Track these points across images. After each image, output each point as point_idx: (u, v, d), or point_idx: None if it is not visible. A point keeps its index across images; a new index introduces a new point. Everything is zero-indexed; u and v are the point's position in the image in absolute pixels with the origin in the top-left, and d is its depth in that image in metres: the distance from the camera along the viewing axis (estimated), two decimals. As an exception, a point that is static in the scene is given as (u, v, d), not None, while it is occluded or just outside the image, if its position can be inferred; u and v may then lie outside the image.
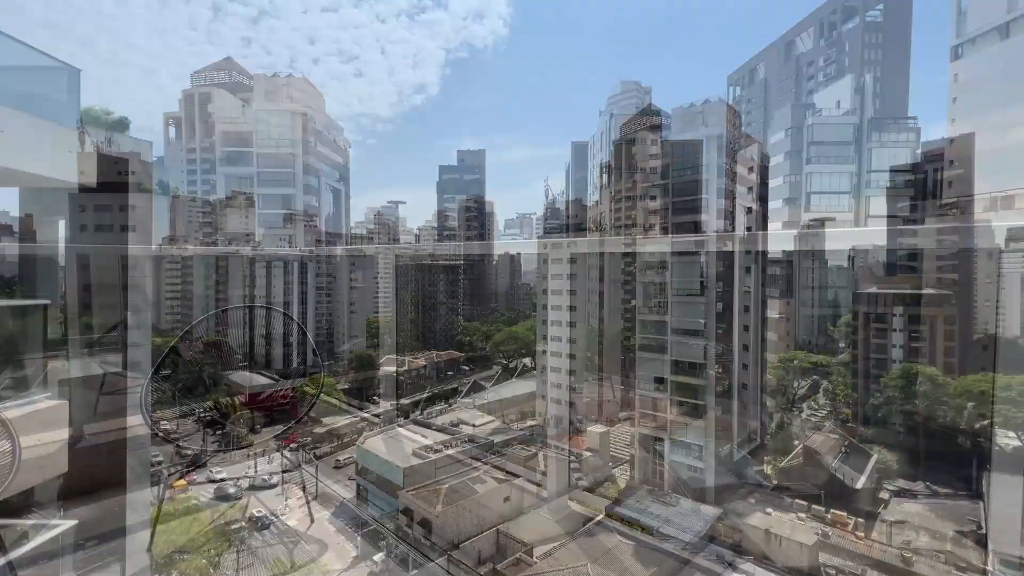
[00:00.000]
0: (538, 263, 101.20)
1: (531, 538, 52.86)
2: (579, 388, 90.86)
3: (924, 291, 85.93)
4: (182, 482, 65.70)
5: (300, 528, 61.11)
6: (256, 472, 78.16)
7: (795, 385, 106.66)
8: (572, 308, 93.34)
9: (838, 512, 52.16)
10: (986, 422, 68.34)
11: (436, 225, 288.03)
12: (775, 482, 63.58)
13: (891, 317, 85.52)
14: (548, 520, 57.33)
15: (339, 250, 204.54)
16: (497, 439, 79.59)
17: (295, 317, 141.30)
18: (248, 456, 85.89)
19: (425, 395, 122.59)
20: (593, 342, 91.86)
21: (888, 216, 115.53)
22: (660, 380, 65.88)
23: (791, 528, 45.33)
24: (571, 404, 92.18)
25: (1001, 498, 45.51)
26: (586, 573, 41.08)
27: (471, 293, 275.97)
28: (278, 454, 79.97)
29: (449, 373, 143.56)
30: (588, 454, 66.71)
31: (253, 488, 70.10)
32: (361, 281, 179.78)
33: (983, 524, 47.05)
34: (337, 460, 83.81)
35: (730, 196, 64.41)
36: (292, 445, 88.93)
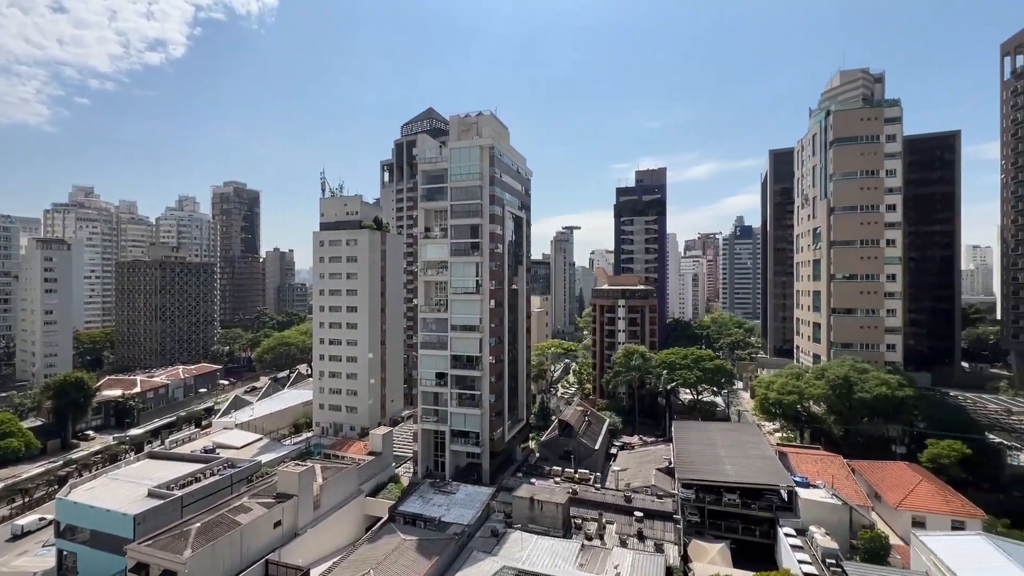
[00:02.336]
0: (314, 261, 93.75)
1: (309, 559, 49.04)
2: (360, 391, 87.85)
3: (637, 287, 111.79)
4: None
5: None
6: None
7: (552, 369, 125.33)
8: (352, 308, 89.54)
9: (583, 471, 63.34)
10: (673, 384, 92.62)
11: (183, 214, 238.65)
12: (538, 455, 73.33)
13: (617, 307, 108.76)
14: (329, 536, 53.99)
15: (25, 240, 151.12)
16: (266, 458, 71.06)
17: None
18: None
19: (166, 420, 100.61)
20: (376, 342, 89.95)
21: (615, 226, 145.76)
22: (441, 375, 68.81)
23: (549, 492, 52.95)
24: (351, 408, 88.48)
25: (679, 438, 62.40)
26: (368, 580, 40.24)
27: (232, 295, 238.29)
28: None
29: (202, 390, 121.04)
30: (371, 458, 65.10)
31: None
32: (63, 282, 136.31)
33: (672, 460, 63.55)
34: (19, 527, 61.41)
35: (500, 203, 71.21)
36: (-65, 518, 62.39)
